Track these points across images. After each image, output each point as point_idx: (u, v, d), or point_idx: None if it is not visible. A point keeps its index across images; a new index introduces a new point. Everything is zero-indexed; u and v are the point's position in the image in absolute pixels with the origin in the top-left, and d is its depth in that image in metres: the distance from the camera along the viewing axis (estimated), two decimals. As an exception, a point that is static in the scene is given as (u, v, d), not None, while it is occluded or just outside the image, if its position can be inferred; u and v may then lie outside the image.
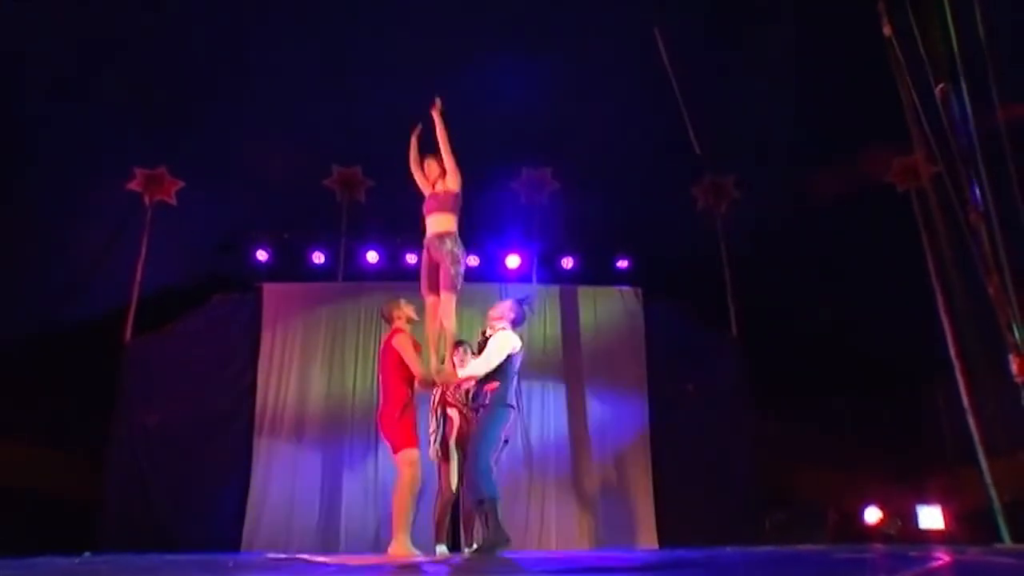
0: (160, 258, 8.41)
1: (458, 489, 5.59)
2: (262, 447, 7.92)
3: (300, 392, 8.11)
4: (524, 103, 7.41)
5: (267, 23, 6.98)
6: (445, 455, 5.74)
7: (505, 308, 5.34)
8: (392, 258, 9.02)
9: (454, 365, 5.54)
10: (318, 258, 8.93)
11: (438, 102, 5.42)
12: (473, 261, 8.96)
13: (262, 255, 8.89)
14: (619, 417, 8.22)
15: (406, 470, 4.92)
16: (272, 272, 8.82)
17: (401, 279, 8.52)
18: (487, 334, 5.27)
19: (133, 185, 8.51)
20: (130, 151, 8.23)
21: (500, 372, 5.03)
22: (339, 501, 7.72)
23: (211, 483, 7.74)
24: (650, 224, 8.78)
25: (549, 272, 9.05)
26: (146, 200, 8.54)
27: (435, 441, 5.77)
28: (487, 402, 5.01)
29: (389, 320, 5.31)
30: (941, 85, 4.57)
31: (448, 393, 5.78)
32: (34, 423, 7.56)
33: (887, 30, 5.10)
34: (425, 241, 5.44)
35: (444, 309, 5.26)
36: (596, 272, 9.03)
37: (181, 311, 8.33)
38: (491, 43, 7.03)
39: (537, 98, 7.44)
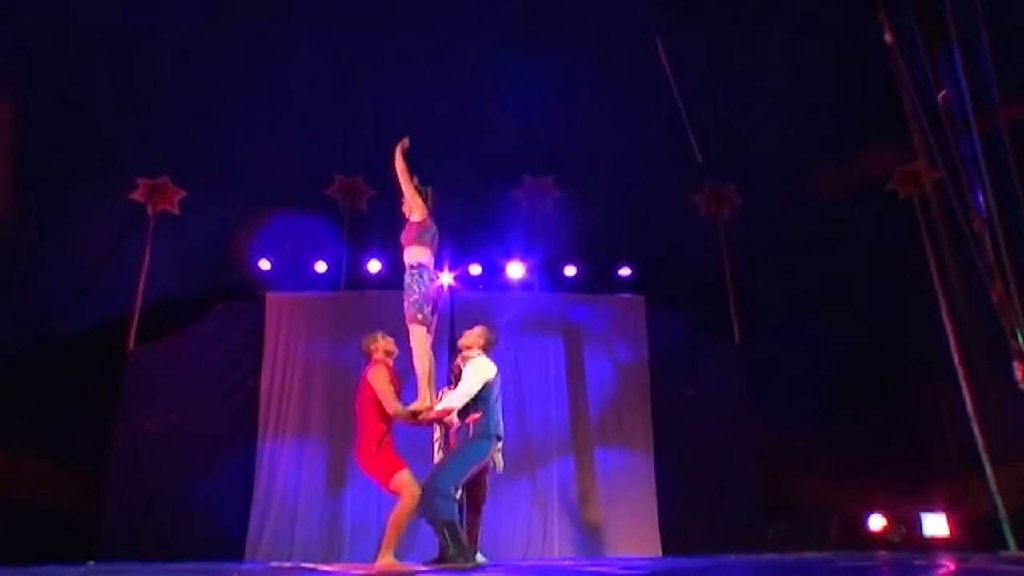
0: (163, 267, 8.42)
1: (462, 497, 5.55)
2: (265, 455, 7.91)
3: (303, 400, 8.10)
4: (526, 111, 7.42)
5: (270, 33, 7.01)
6: None
7: (475, 336, 5.25)
8: (394, 267, 9.00)
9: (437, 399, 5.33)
10: (320, 267, 8.93)
11: (405, 141, 5.37)
12: (475, 269, 8.99)
13: (265, 264, 8.89)
14: (622, 425, 8.21)
15: (406, 492, 4.82)
16: (275, 281, 8.82)
17: (403, 288, 8.52)
18: (459, 364, 5.23)
19: (136, 195, 8.54)
20: (133, 161, 8.26)
21: (480, 402, 4.95)
22: (343, 510, 7.71)
23: (214, 492, 7.71)
24: (652, 231, 8.78)
25: (551, 280, 9.05)
26: (149, 210, 8.57)
27: (439, 449, 5.75)
28: (471, 434, 4.94)
29: (367, 354, 5.20)
30: (943, 92, 4.57)
31: (444, 418, 5.67)
32: (36, 432, 7.54)
33: (889, 38, 5.12)
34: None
35: (411, 341, 5.15)
36: (598, 280, 9.01)
37: (184, 320, 8.34)
38: (494, 52, 7.05)
39: (539, 106, 7.46)
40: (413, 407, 5.00)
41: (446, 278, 8.90)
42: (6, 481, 7.24)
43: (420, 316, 5.11)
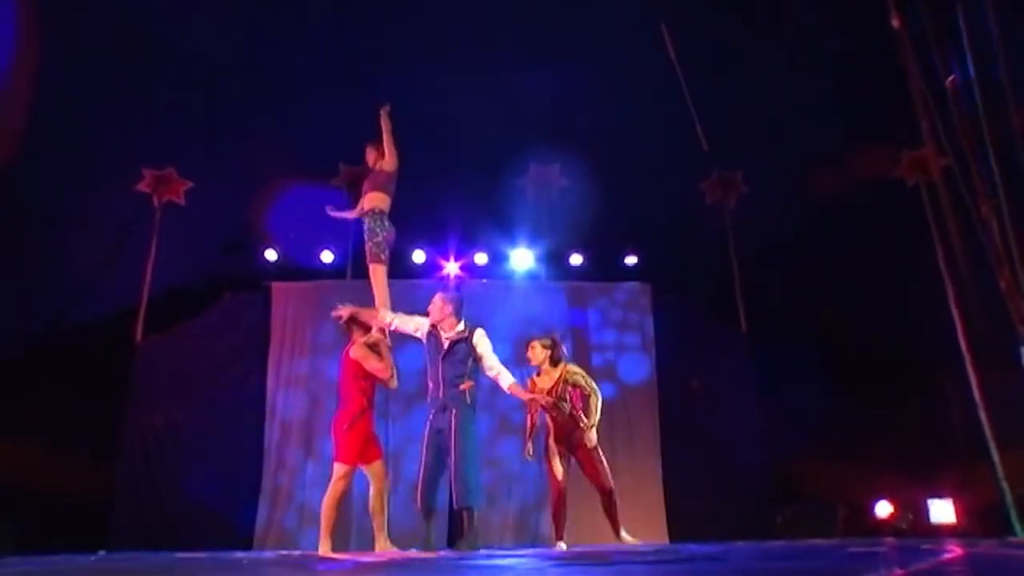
0: (170, 258, 8.45)
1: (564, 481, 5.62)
2: (273, 445, 7.95)
3: (310, 390, 8.14)
4: (532, 100, 7.40)
5: (276, 22, 7.00)
6: (547, 455, 5.71)
7: (440, 308, 5.19)
8: (399, 256, 9.02)
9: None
10: (327, 256, 8.95)
11: (388, 106, 5.73)
12: (481, 258, 8.99)
13: (271, 254, 8.91)
14: (628, 413, 8.22)
15: (337, 482, 5.07)
16: (281, 271, 8.84)
17: (408, 276, 8.55)
18: (446, 335, 5.17)
19: (142, 186, 8.56)
20: (139, 152, 8.28)
21: (473, 371, 5.10)
22: (350, 498, 7.73)
23: (222, 482, 7.77)
24: (659, 220, 8.77)
25: (558, 269, 9.05)
26: (155, 201, 8.59)
27: (530, 438, 5.78)
28: (468, 401, 5.02)
29: (349, 331, 5.39)
30: (951, 77, 4.54)
31: (540, 399, 5.62)
32: (45, 422, 7.60)
33: (896, 22, 5.07)
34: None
35: (371, 279, 5.59)
36: (605, 268, 9.02)
37: (191, 311, 8.37)
38: (500, 41, 7.02)
39: (545, 94, 7.44)
40: (380, 319, 5.37)
41: (452, 267, 8.92)
42: (18, 471, 7.29)
43: (382, 256, 5.56)
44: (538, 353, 5.78)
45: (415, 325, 5.34)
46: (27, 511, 7.11)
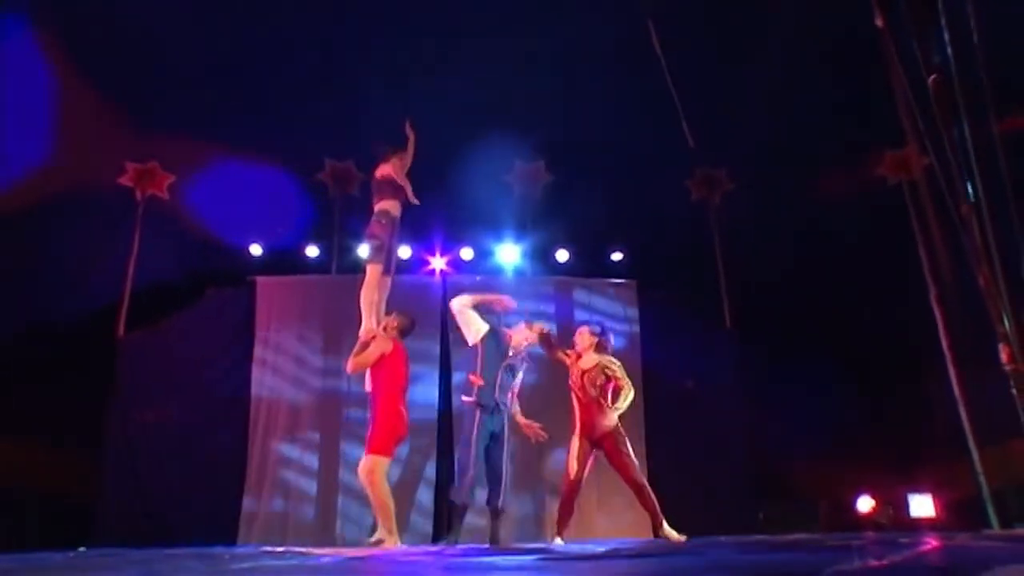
0: (153, 253, 8.38)
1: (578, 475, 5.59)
2: (257, 441, 7.92)
3: (295, 385, 8.11)
4: (517, 96, 7.40)
5: (261, 17, 6.96)
6: (568, 450, 5.75)
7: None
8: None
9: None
10: (311, 252, 8.91)
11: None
12: (467, 254, 8.99)
13: (255, 249, 8.86)
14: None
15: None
16: (265, 266, 8.80)
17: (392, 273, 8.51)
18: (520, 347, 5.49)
19: (125, 180, 8.48)
20: (122, 146, 8.20)
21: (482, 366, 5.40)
22: (335, 495, 7.73)
23: (207, 477, 7.73)
24: (644, 216, 8.81)
25: (543, 265, 9.06)
26: (138, 195, 8.52)
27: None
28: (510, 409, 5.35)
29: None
30: (934, 76, 4.58)
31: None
32: (28, 420, 7.53)
33: (879, 21, 5.11)
34: (395, 223, 5.89)
35: (384, 284, 5.91)
36: (591, 265, 9.04)
37: (175, 306, 8.32)
38: (486, 37, 7.02)
39: (531, 91, 7.44)
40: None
41: (438, 263, 8.91)
42: (2, 470, 7.23)
43: None
44: (585, 338, 5.83)
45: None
46: (10, 509, 7.05)
